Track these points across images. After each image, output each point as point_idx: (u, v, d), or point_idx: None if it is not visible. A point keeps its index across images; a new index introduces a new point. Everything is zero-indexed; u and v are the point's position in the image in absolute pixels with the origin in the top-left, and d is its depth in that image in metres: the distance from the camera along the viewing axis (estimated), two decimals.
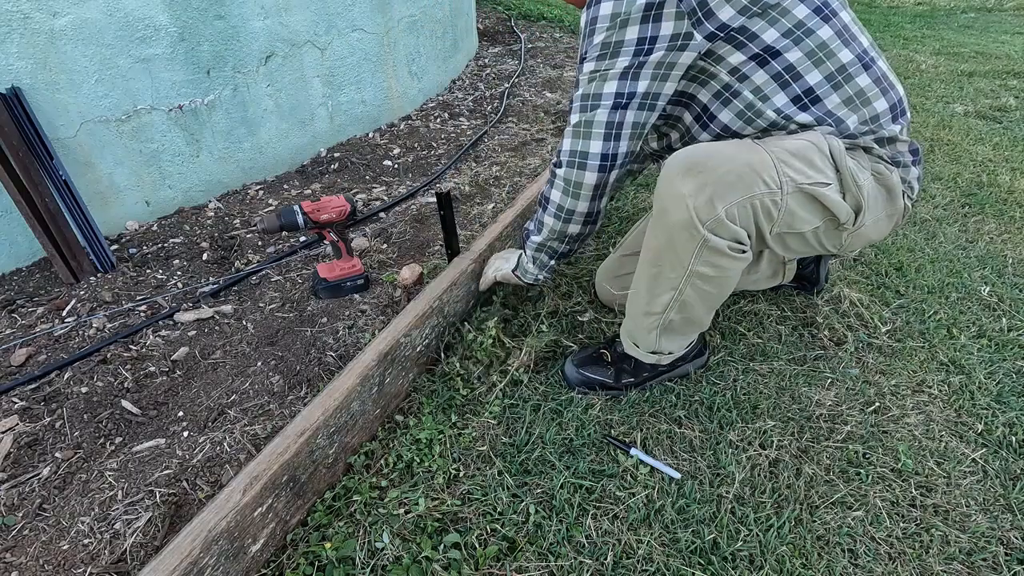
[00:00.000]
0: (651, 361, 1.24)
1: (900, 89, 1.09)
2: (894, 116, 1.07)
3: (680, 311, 1.12)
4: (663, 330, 1.18)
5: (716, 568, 0.94)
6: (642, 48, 0.98)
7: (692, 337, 1.25)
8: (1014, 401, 1.24)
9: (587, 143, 1.07)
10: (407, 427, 1.20)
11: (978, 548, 0.97)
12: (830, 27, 1.00)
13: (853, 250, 1.18)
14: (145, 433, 1.19)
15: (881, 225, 1.13)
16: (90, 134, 1.75)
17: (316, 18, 2.27)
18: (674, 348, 1.23)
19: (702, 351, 1.32)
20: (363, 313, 1.51)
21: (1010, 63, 3.81)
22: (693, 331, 1.22)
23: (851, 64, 1.02)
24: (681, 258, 1.03)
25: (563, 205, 1.16)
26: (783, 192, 0.99)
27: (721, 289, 1.09)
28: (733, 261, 1.02)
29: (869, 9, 6.44)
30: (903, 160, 1.10)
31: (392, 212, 2.04)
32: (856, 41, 1.03)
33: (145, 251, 1.80)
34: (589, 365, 1.29)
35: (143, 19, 1.75)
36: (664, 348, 1.22)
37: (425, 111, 2.96)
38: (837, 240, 1.11)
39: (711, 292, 1.08)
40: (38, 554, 0.96)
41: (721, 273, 1.04)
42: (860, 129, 1.05)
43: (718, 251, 1.00)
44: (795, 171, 0.99)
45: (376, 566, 0.94)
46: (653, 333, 1.18)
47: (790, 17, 0.98)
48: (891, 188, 1.09)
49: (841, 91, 1.03)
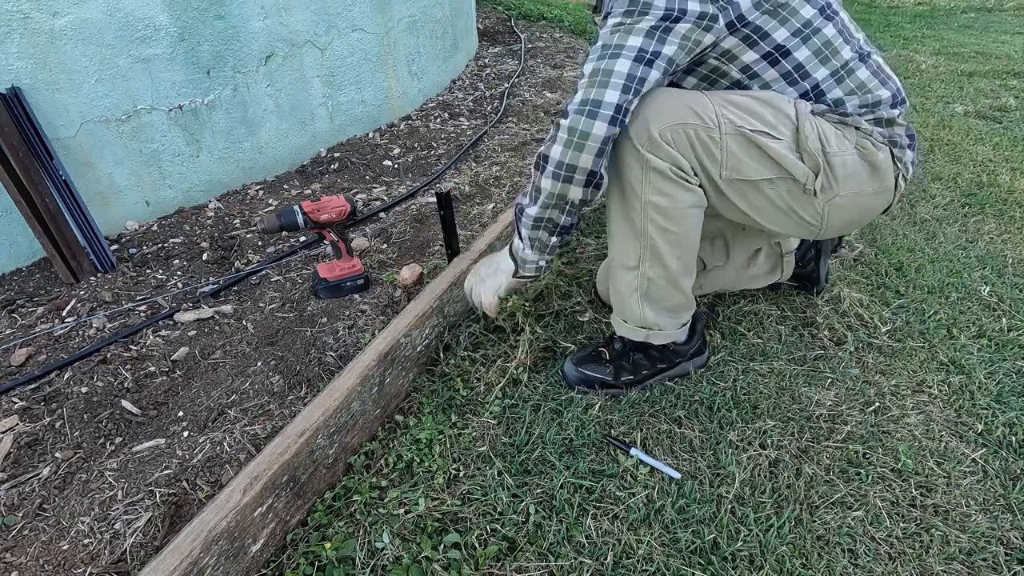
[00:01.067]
0: (640, 338, 1.23)
1: (897, 81, 1.14)
2: (894, 103, 1.11)
3: (653, 261, 1.14)
4: (644, 295, 1.18)
5: (716, 568, 0.94)
6: (671, 14, 0.98)
7: (680, 315, 1.24)
8: (1014, 401, 1.24)
9: (602, 91, 1.00)
10: (407, 427, 1.20)
11: (978, 548, 0.97)
12: (833, 26, 1.06)
13: (837, 228, 1.19)
14: (145, 433, 1.19)
15: (865, 200, 1.15)
16: (90, 134, 1.75)
17: (316, 18, 2.27)
18: (663, 324, 1.22)
19: (701, 349, 1.32)
20: (363, 313, 1.51)
21: (1010, 63, 3.81)
22: (676, 298, 1.20)
23: (851, 60, 1.08)
24: (634, 188, 1.08)
25: (564, 160, 1.03)
26: (720, 131, 1.04)
27: (681, 227, 1.11)
28: (680, 189, 1.07)
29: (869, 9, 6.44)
30: (900, 142, 1.13)
31: (392, 212, 2.04)
32: (854, 38, 1.09)
33: (145, 251, 1.80)
34: (588, 363, 1.29)
35: (143, 19, 1.75)
36: (650, 320, 1.21)
37: (425, 111, 2.96)
38: (811, 208, 1.12)
39: (672, 231, 1.10)
40: (38, 554, 0.96)
41: (673, 203, 1.08)
42: (859, 111, 1.10)
43: (660, 173, 1.05)
44: (735, 115, 1.05)
45: (376, 566, 0.95)
46: (635, 297, 1.19)
47: (798, 17, 1.03)
48: (877, 165, 1.11)
49: (844, 85, 1.09)
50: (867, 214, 1.19)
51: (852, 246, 1.79)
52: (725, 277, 1.49)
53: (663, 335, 1.23)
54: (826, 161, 1.08)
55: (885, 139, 1.12)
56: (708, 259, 1.45)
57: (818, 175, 1.08)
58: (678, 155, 1.05)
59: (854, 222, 1.21)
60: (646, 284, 1.17)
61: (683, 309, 1.24)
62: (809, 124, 1.06)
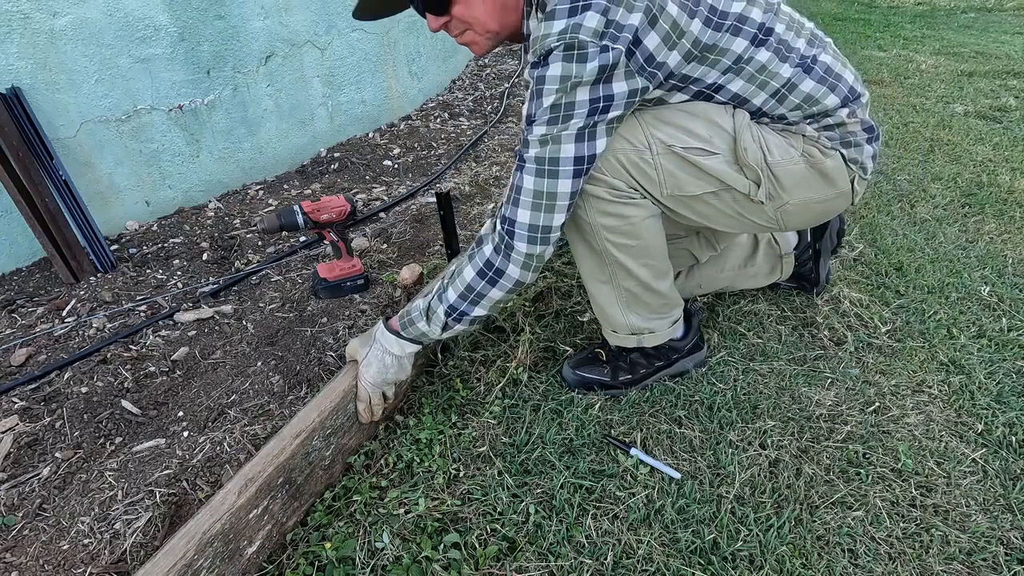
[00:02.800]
0: (633, 344, 1.23)
1: (849, 76, 1.09)
2: (844, 103, 1.07)
3: (622, 273, 1.14)
4: (626, 304, 1.18)
5: (716, 568, 0.94)
6: (596, 107, 0.95)
7: (666, 315, 1.23)
8: (1014, 401, 1.24)
9: (550, 216, 1.00)
10: (407, 427, 1.20)
11: (978, 548, 0.97)
12: (767, 49, 1.01)
13: (799, 226, 1.20)
14: (145, 433, 1.19)
15: (819, 206, 1.15)
16: (90, 134, 1.75)
17: (316, 18, 2.27)
18: (652, 327, 1.22)
19: (699, 345, 1.32)
20: (363, 313, 1.51)
21: (1010, 63, 3.80)
22: (657, 300, 1.19)
23: (793, 75, 1.03)
24: (581, 216, 1.08)
25: (523, 280, 1.06)
26: (651, 152, 1.03)
27: (639, 240, 1.10)
28: (625, 207, 1.06)
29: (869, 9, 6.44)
30: (854, 140, 1.11)
31: (392, 212, 2.04)
32: (793, 50, 1.03)
33: (145, 251, 1.80)
34: (585, 365, 1.29)
35: (143, 19, 1.75)
36: (637, 325, 1.21)
37: (425, 111, 2.96)
38: (762, 214, 1.12)
39: (630, 245, 1.10)
40: (38, 554, 0.96)
41: (623, 222, 1.08)
42: (804, 121, 1.08)
43: (598, 198, 1.05)
44: (665, 135, 1.03)
45: (376, 566, 0.94)
46: (618, 308, 1.19)
47: (729, 55, 0.99)
48: (826, 171, 1.10)
49: (787, 102, 1.06)
50: (826, 215, 1.19)
51: (852, 246, 1.79)
52: (724, 277, 1.49)
53: (656, 337, 1.23)
54: (769, 171, 1.07)
55: (835, 143, 1.10)
56: (697, 253, 1.45)
57: (760, 185, 1.07)
58: (612, 179, 1.04)
59: (815, 221, 1.21)
60: (624, 295, 1.17)
61: (669, 308, 1.23)
62: (748, 135, 1.04)
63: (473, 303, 1.08)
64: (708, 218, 1.13)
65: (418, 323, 1.11)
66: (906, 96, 3.21)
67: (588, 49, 0.88)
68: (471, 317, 1.10)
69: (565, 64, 0.90)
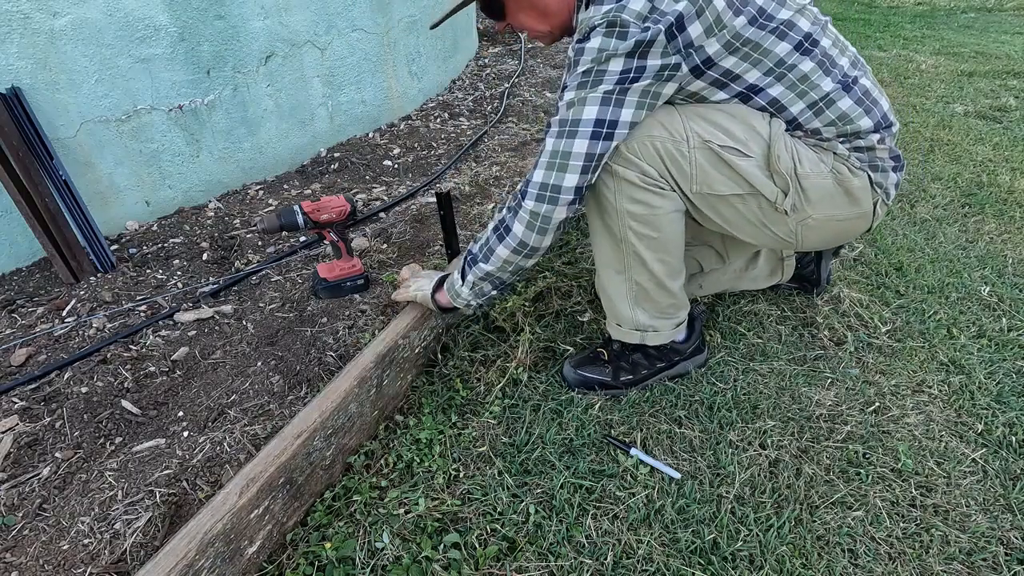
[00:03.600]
0: (635, 340, 1.23)
1: (884, 103, 1.10)
2: (876, 129, 1.08)
3: (637, 267, 1.14)
4: (635, 298, 1.19)
5: (716, 568, 0.94)
6: (627, 76, 0.96)
7: (672, 315, 1.23)
8: (1014, 401, 1.24)
9: (561, 176, 1.02)
10: (407, 427, 1.20)
11: (978, 548, 0.97)
12: (811, 59, 1.02)
13: (813, 245, 1.20)
14: (145, 433, 1.19)
15: (839, 225, 1.15)
16: (90, 134, 1.75)
17: (316, 18, 2.27)
18: (657, 325, 1.22)
19: (700, 348, 1.32)
20: (363, 313, 1.51)
21: (1010, 63, 3.80)
22: (666, 299, 1.20)
23: (833, 91, 1.04)
24: (608, 199, 1.10)
25: (527, 241, 1.09)
26: (688, 145, 1.04)
27: (660, 232, 1.11)
28: (653, 196, 1.08)
29: (869, 9, 6.44)
30: (881, 165, 1.11)
31: (392, 212, 2.04)
32: (837, 67, 1.04)
33: (145, 251, 1.80)
34: (587, 365, 1.29)
35: (143, 19, 1.75)
36: (643, 321, 1.21)
37: (425, 111, 2.96)
38: (783, 226, 1.13)
39: (651, 236, 1.11)
40: (38, 554, 0.96)
41: (649, 210, 1.08)
42: (837, 139, 1.08)
43: (630, 182, 1.06)
44: (704, 130, 1.05)
45: (376, 566, 0.95)
46: (626, 302, 1.19)
47: (772, 56, 1.00)
48: (852, 191, 1.10)
49: (823, 116, 1.06)
50: (843, 236, 1.19)
51: (852, 246, 1.79)
52: (725, 279, 1.49)
53: (659, 336, 1.23)
54: (798, 182, 1.07)
55: (864, 164, 1.10)
56: (705, 263, 1.46)
57: (788, 195, 1.07)
58: (646, 165, 1.05)
59: (831, 241, 1.21)
60: (635, 288, 1.17)
61: (676, 309, 1.23)
62: (782, 144, 1.06)
63: (485, 258, 1.15)
64: (729, 222, 1.14)
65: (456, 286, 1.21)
66: (906, 96, 3.21)
67: (629, 28, 0.93)
68: (483, 272, 1.16)
69: (604, 39, 0.95)
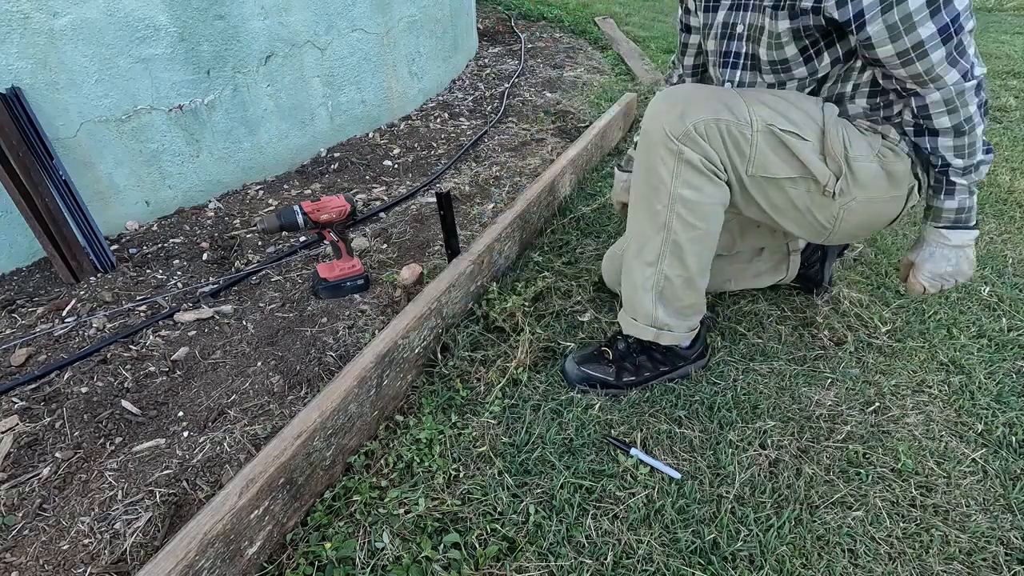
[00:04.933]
0: (649, 337, 1.23)
1: None
2: None
3: (672, 258, 1.14)
4: (660, 294, 1.18)
5: (716, 568, 0.94)
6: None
7: (689, 318, 1.23)
8: (1014, 401, 1.24)
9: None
10: (407, 427, 1.20)
11: (978, 548, 0.97)
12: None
13: (848, 234, 1.20)
14: (145, 433, 1.19)
15: (878, 207, 1.15)
16: (90, 134, 1.75)
17: (316, 18, 2.27)
18: (673, 325, 1.21)
19: (703, 353, 1.32)
20: (363, 313, 1.51)
21: (1010, 63, 3.80)
22: (689, 299, 1.20)
23: None
24: (664, 180, 1.09)
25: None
26: (752, 128, 1.06)
27: (704, 224, 1.11)
28: (708, 183, 1.08)
29: None
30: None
31: (392, 212, 2.04)
32: None
33: (145, 251, 1.80)
34: (590, 363, 1.29)
35: (143, 19, 1.75)
36: (662, 319, 1.21)
37: (425, 111, 2.96)
38: (827, 211, 1.13)
39: (696, 227, 1.11)
40: (38, 554, 0.96)
41: (701, 198, 1.09)
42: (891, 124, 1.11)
43: (692, 166, 1.06)
44: (767, 114, 1.07)
45: (376, 566, 0.95)
46: (650, 295, 1.19)
47: None
48: (894, 173, 1.12)
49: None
50: (877, 221, 1.19)
51: (852, 246, 1.79)
52: (730, 269, 1.49)
53: (672, 337, 1.23)
54: (847, 165, 1.09)
55: (911, 150, 1.11)
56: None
57: (839, 179, 1.09)
58: (710, 149, 1.06)
59: (864, 228, 1.21)
60: (663, 282, 1.17)
61: (694, 312, 1.24)
62: (835, 128, 1.07)
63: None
64: (776, 207, 1.15)
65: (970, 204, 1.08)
66: None
67: None
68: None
69: None
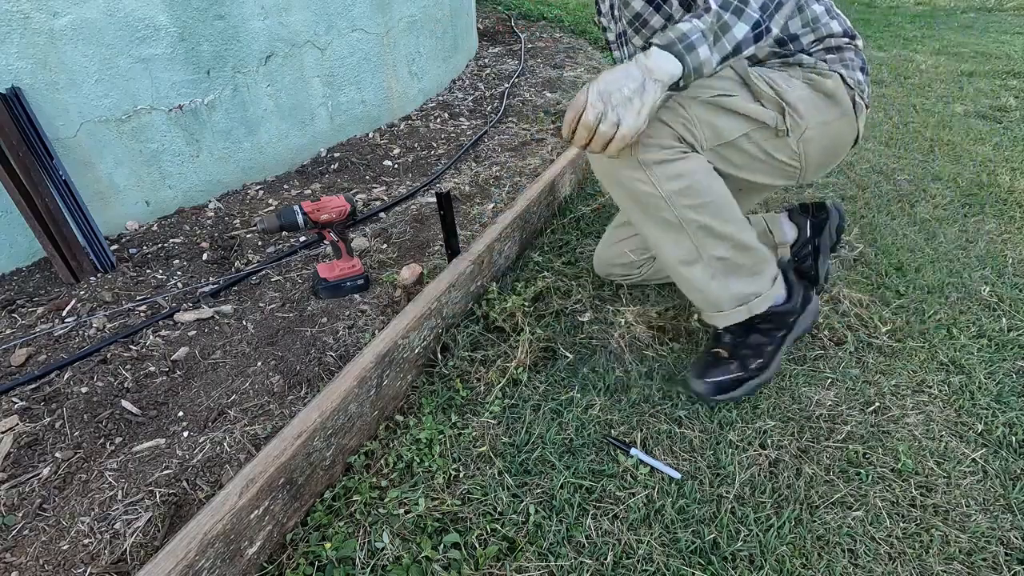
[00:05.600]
0: (743, 316, 1.20)
1: (846, 20, 1.23)
2: (844, 34, 1.21)
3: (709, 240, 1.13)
4: (723, 274, 1.17)
5: (716, 568, 0.94)
6: None
7: (763, 272, 1.21)
8: (1014, 401, 1.24)
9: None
10: (407, 427, 1.20)
11: (978, 548, 0.97)
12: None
13: (818, 164, 1.23)
14: (145, 433, 1.19)
15: (833, 128, 1.20)
16: (90, 134, 1.75)
17: (316, 18, 2.27)
18: (755, 289, 1.20)
19: (808, 298, 1.32)
20: (363, 313, 1.51)
21: (1010, 63, 3.80)
22: (751, 258, 1.18)
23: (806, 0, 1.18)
24: (649, 193, 1.10)
25: None
26: (684, 108, 1.10)
27: (710, 196, 1.12)
28: (681, 163, 1.09)
29: (869, 9, 6.44)
30: (851, 65, 1.20)
31: (392, 212, 2.04)
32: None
33: (145, 251, 1.80)
34: (711, 370, 1.23)
35: (143, 19, 1.75)
36: (741, 291, 1.19)
37: (425, 111, 2.96)
38: (787, 150, 1.17)
39: (705, 203, 1.11)
40: (38, 554, 0.96)
41: (688, 180, 1.09)
42: (811, 46, 1.20)
43: (658, 162, 1.08)
44: (688, 95, 1.10)
45: (376, 566, 0.95)
46: (716, 282, 1.17)
47: None
48: (830, 92, 1.17)
49: (803, 16, 1.18)
50: (839, 144, 1.23)
51: (852, 246, 1.79)
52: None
53: (763, 301, 1.20)
54: (783, 100, 1.13)
55: (833, 64, 1.17)
56: None
57: (784, 115, 1.13)
58: (663, 139, 1.09)
59: (830, 154, 1.24)
60: (717, 264, 1.15)
61: (764, 263, 1.21)
62: (754, 74, 1.14)
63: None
64: (742, 167, 1.17)
65: (699, 47, 0.93)
66: (906, 96, 3.21)
67: None
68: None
69: None
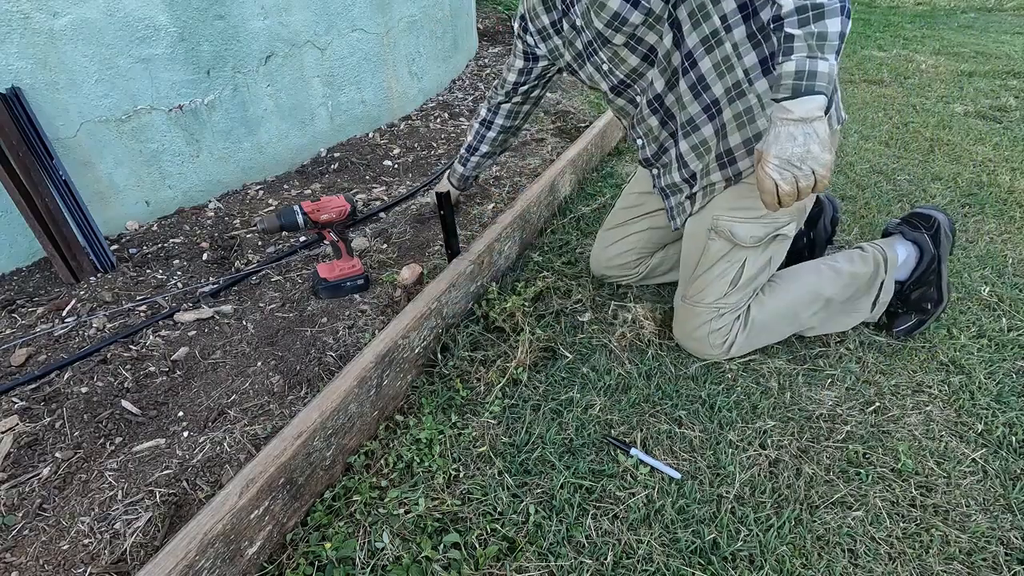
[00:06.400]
0: (878, 315, 1.42)
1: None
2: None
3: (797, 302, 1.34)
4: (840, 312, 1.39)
5: (716, 568, 0.94)
6: None
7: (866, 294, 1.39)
8: (1014, 401, 1.24)
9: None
10: (407, 427, 1.20)
11: (978, 548, 0.97)
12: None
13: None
14: (145, 433, 1.19)
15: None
16: (90, 134, 1.75)
17: (316, 18, 2.27)
18: (872, 298, 1.39)
19: (928, 219, 1.47)
20: (363, 313, 1.51)
21: (1010, 63, 3.80)
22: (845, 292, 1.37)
23: None
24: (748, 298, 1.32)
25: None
26: (756, 248, 1.26)
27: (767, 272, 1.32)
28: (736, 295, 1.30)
29: (869, 9, 6.44)
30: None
31: (392, 212, 2.04)
32: None
33: (145, 251, 1.80)
34: (898, 319, 1.43)
35: (143, 19, 1.75)
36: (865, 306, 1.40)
37: (425, 111, 2.96)
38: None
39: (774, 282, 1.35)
40: (38, 554, 0.96)
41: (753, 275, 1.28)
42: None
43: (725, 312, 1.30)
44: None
45: (376, 566, 0.95)
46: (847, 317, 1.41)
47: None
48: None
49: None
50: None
51: (851, 245, 1.78)
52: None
53: (885, 290, 1.38)
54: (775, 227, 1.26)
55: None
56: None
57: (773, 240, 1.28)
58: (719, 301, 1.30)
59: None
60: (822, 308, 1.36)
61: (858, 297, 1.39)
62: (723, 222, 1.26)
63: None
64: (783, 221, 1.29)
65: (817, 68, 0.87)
66: (906, 96, 3.21)
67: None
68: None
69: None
